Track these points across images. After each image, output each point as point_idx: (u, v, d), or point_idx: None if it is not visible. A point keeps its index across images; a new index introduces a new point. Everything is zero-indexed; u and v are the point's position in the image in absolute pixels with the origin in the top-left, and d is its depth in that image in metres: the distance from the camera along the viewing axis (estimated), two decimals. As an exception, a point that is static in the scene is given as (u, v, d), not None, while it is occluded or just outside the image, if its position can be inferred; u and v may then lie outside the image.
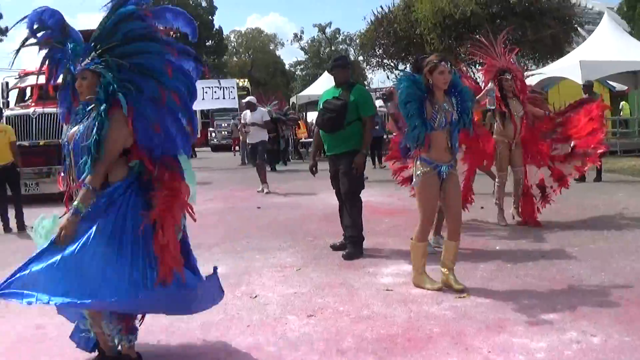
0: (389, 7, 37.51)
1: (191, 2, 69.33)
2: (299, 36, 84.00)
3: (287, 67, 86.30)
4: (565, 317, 5.49)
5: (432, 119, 6.23)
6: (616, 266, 7.25)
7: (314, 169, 8.87)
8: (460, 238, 6.62)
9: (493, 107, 7.74)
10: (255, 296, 6.56)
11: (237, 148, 32.39)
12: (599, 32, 24.17)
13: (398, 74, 37.60)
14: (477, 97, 6.94)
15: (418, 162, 6.47)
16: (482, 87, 9.19)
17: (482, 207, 10.83)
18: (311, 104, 33.32)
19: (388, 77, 40.40)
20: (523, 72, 10.60)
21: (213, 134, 40.06)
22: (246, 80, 34.67)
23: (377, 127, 24.47)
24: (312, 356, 4.88)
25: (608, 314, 5.55)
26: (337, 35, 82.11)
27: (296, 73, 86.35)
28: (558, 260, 7.65)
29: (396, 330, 5.37)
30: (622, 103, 30.65)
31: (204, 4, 71.13)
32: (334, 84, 8.60)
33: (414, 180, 6.60)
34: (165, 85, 4.28)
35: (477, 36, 12.13)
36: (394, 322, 5.57)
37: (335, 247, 8.53)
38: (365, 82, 64.12)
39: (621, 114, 30.00)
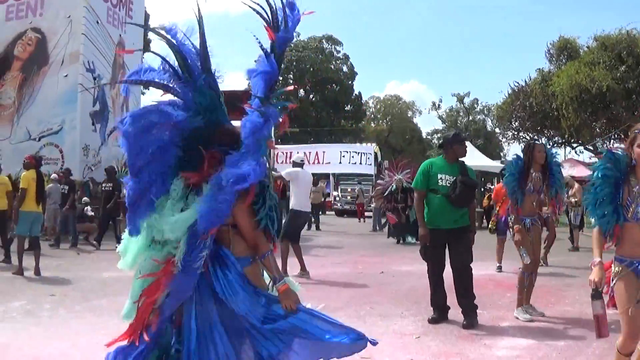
0: (525, 80, 37.62)
1: (332, 67, 70.99)
2: (437, 105, 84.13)
3: (424, 135, 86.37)
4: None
5: (626, 206, 4.96)
6: None
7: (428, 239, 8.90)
8: None
9: None
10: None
11: (365, 215, 32.79)
12: None
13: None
14: None
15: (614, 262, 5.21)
16: None
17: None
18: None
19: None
20: None
21: (336, 198, 39.40)
22: (375, 144, 34.93)
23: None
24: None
25: None
26: (475, 105, 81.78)
27: (433, 142, 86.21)
28: None
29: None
30: None
31: (345, 69, 72.48)
32: (445, 157, 9.01)
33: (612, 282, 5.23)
34: None
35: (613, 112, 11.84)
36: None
37: (434, 320, 8.76)
38: (502, 154, 63.60)
39: None
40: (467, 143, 30.24)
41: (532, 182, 8.95)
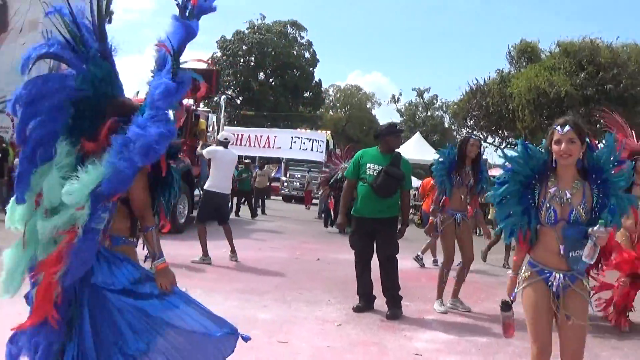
0: (484, 79, 37.71)
1: (295, 53, 70.92)
2: (396, 98, 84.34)
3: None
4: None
5: (540, 208, 4.46)
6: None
7: (345, 228, 9.24)
8: None
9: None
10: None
11: (313, 202, 32.99)
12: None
13: (486, 147, 37.54)
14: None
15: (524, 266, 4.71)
16: None
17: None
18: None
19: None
20: None
21: (285, 184, 39.15)
22: (328, 132, 34.82)
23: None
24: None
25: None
26: (435, 101, 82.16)
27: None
28: (589, 343, 7.48)
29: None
30: None
31: (307, 55, 72.49)
32: (380, 147, 8.90)
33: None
34: None
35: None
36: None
37: (358, 309, 8.73)
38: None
39: None
40: (420, 138, 30.62)
41: (461, 174, 8.96)
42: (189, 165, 17.42)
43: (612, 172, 4.42)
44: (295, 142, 27.42)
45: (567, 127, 4.39)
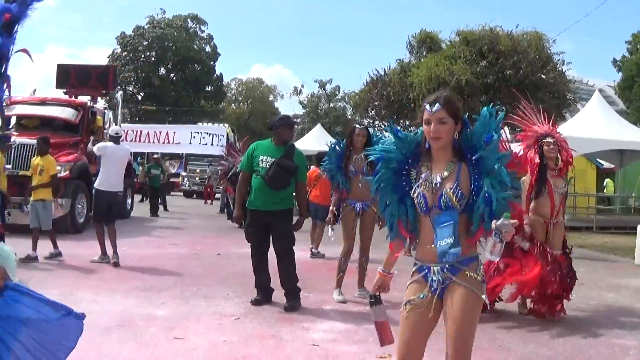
0: (384, 69, 38.08)
1: (195, 47, 70.17)
2: (298, 90, 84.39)
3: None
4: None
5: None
6: (542, 339, 7.48)
7: (242, 220, 9.15)
8: None
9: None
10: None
11: (215, 196, 32.70)
12: (587, 110, 24.13)
13: (388, 136, 37.77)
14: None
15: None
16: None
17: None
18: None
19: (378, 139, 40.84)
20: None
21: (185, 179, 38.83)
22: (227, 125, 34.66)
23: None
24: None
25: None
26: (337, 93, 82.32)
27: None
28: (488, 327, 7.76)
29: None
30: (607, 180, 31.31)
31: (207, 49, 71.81)
32: (273, 140, 9.00)
33: None
34: None
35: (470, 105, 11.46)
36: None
37: (256, 302, 8.73)
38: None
39: (604, 191, 30.64)
40: (322, 129, 30.77)
41: (353, 164, 9.03)
42: (86, 163, 17.08)
43: (486, 148, 3.87)
44: (194, 137, 27.05)
45: (436, 106, 3.87)
